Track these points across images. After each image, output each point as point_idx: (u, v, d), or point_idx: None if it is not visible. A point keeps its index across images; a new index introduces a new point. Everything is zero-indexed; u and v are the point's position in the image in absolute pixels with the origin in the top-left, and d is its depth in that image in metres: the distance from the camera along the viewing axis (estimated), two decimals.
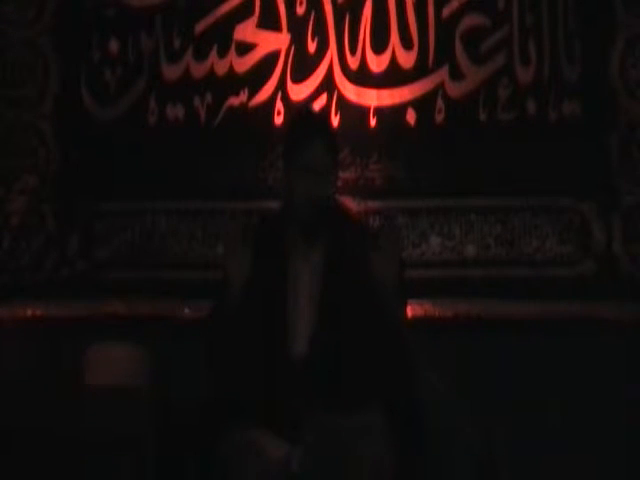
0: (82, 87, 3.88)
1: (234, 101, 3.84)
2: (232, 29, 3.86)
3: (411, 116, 3.79)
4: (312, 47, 3.83)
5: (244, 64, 3.85)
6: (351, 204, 3.71)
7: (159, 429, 3.19)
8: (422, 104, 3.79)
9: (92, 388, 3.38)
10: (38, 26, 3.90)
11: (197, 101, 3.84)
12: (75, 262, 3.82)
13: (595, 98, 3.77)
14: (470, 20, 3.81)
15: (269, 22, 3.85)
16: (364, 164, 3.78)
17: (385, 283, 2.74)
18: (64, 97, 3.89)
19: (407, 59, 3.81)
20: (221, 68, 3.85)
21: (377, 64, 3.82)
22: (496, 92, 3.79)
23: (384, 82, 3.81)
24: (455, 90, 3.79)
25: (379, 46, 3.82)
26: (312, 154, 2.77)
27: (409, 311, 3.41)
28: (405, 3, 3.82)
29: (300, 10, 3.84)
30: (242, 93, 3.84)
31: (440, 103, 3.79)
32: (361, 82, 3.82)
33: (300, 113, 3.38)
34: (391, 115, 3.80)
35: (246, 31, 3.86)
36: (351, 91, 3.82)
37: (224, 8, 3.87)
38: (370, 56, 3.82)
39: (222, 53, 3.85)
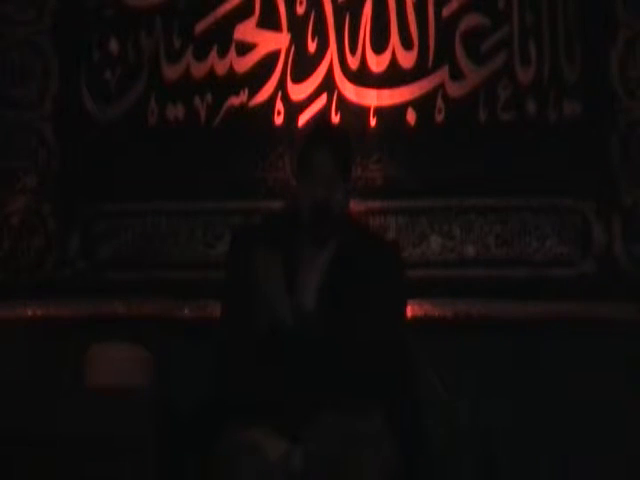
0: (82, 87, 3.89)
1: (234, 101, 3.84)
2: (232, 29, 3.85)
3: (411, 116, 3.79)
4: (312, 47, 3.83)
5: (244, 64, 3.85)
6: (351, 204, 3.71)
7: (159, 429, 3.19)
8: (422, 104, 3.79)
9: (92, 388, 3.38)
10: (38, 26, 3.90)
11: (197, 101, 3.84)
12: (75, 262, 3.82)
13: (595, 98, 3.76)
14: (470, 20, 3.81)
15: (269, 22, 3.85)
16: (364, 164, 3.78)
17: (387, 288, 2.77)
18: (64, 97, 3.89)
19: (407, 59, 3.81)
20: (221, 68, 3.85)
21: (377, 64, 3.82)
22: (496, 92, 3.79)
23: (384, 82, 3.81)
24: (455, 90, 3.79)
25: (379, 46, 3.82)
26: (317, 158, 2.81)
27: (409, 311, 3.43)
28: (405, 3, 3.82)
29: (300, 10, 3.84)
30: (242, 93, 3.84)
31: (440, 103, 3.79)
32: (361, 82, 3.82)
33: (316, 122, 3.56)
34: (391, 115, 3.80)
35: (246, 31, 3.86)
36: (351, 91, 3.82)
37: (224, 8, 3.86)
38: (370, 56, 3.81)
39: (222, 53, 3.85)
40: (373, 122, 3.80)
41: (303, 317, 2.72)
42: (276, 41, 3.85)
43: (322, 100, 3.81)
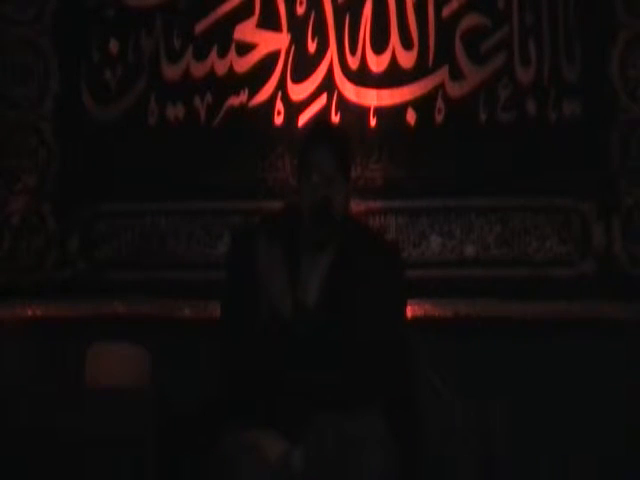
0: (82, 87, 3.89)
1: (234, 101, 3.84)
2: (232, 29, 3.86)
3: (411, 116, 3.80)
4: (312, 47, 3.83)
5: (244, 64, 3.85)
6: (351, 204, 3.71)
7: (159, 429, 3.19)
8: (422, 104, 3.80)
9: (92, 388, 3.38)
10: (38, 26, 3.90)
11: (197, 101, 3.85)
12: (75, 262, 3.82)
13: (595, 98, 3.77)
14: (470, 20, 3.81)
15: (269, 22, 3.86)
16: (364, 164, 3.78)
17: (387, 288, 2.78)
18: (64, 97, 3.89)
19: (407, 59, 3.81)
20: (221, 68, 3.85)
21: (377, 64, 3.82)
22: (496, 92, 3.79)
23: (384, 82, 3.81)
24: (455, 90, 3.79)
25: (379, 46, 3.82)
26: (317, 158, 2.82)
27: (409, 311, 3.43)
28: (405, 3, 3.82)
29: (300, 10, 3.84)
30: (242, 93, 3.84)
31: (440, 103, 3.79)
32: (361, 82, 3.82)
33: (316, 121, 3.59)
34: (391, 115, 3.80)
35: (246, 31, 3.86)
36: (351, 91, 3.82)
37: (224, 8, 3.87)
38: (370, 56, 3.82)
39: (222, 53, 3.85)
40: (373, 122, 3.80)
41: (305, 315, 2.73)
42: (276, 41, 3.85)
43: (322, 100, 3.81)
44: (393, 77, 3.81)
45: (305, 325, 2.72)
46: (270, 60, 3.84)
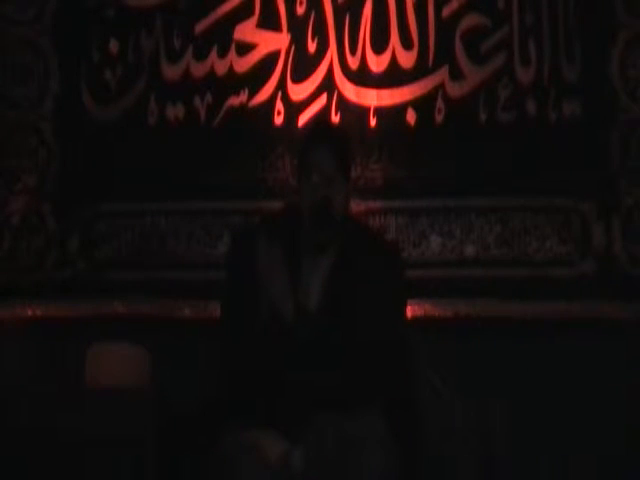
0: (82, 87, 3.89)
1: (234, 101, 3.84)
2: (232, 29, 3.86)
3: (411, 116, 3.80)
4: (312, 47, 3.83)
5: (244, 64, 3.85)
6: (351, 204, 3.71)
7: (159, 429, 3.19)
8: (422, 104, 3.80)
9: (92, 388, 3.38)
10: (38, 26, 3.90)
11: (197, 101, 3.85)
12: (75, 262, 3.82)
13: (595, 98, 3.77)
14: (470, 20, 3.81)
15: (269, 22, 3.86)
16: (364, 164, 3.78)
17: (387, 289, 2.78)
18: (64, 97, 3.89)
19: (407, 59, 3.81)
20: (221, 68, 3.85)
21: (377, 64, 3.82)
22: (496, 92, 3.79)
23: (384, 82, 3.81)
24: (455, 90, 3.80)
25: (379, 46, 3.82)
26: (317, 158, 2.81)
27: (409, 311, 3.43)
28: (405, 3, 3.82)
29: (300, 10, 3.84)
30: (242, 93, 3.84)
31: (440, 103, 3.79)
32: (361, 82, 3.82)
33: (316, 121, 3.61)
34: (391, 115, 3.80)
35: (246, 31, 3.86)
36: (351, 91, 3.82)
37: (224, 8, 3.87)
38: (370, 56, 3.82)
39: (222, 53, 3.85)
40: (373, 122, 3.80)
41: (307, 319, 2.73)
42: (276, 41, 3.85)
43: (322, 100, 3.81)
44: (393, 77, 3.81)
45: (307, 329, 2.72)
46: (270, 60, 3.84)
